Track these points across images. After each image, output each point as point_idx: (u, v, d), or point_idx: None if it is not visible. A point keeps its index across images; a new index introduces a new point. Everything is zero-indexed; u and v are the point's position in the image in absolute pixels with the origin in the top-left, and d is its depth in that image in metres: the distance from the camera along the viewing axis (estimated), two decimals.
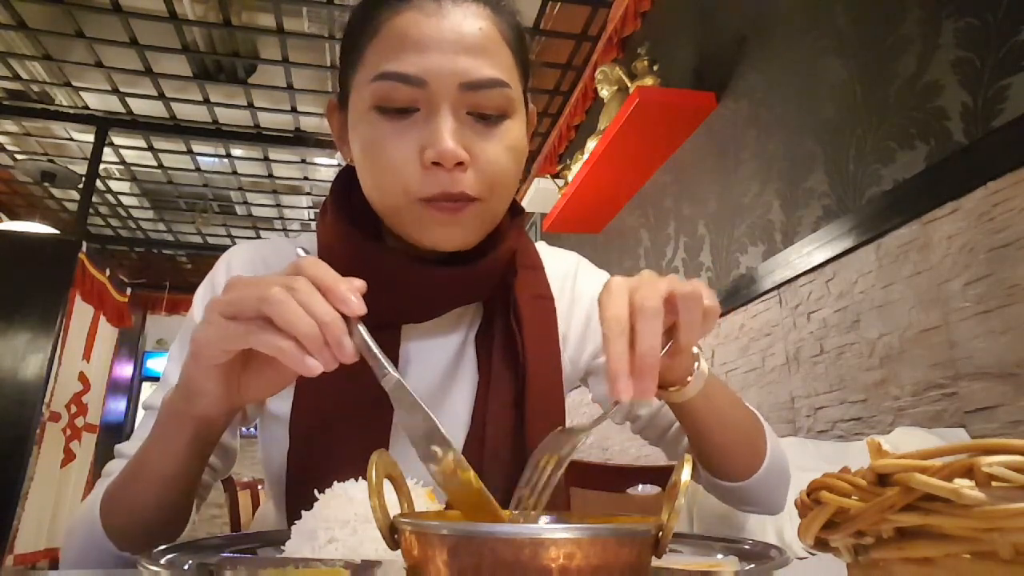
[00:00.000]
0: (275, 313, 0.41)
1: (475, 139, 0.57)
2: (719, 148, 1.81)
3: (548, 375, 0.66)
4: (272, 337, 0.42)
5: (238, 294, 0.44)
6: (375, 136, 0.57)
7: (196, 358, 0.47)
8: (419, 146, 0.56)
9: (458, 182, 0.56)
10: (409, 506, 0.37)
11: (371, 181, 0.60)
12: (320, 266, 0.44)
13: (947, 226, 1.03)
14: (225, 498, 1.33)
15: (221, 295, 0.45)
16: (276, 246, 0.73)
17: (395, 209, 0.59)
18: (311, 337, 0.41)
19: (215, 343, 0.45)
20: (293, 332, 0.41)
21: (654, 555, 0.32)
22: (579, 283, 0.76)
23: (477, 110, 0.57)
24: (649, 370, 0.43)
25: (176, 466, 0.51)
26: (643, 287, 0.46)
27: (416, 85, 0.55)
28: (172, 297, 5.84)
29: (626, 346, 0.43)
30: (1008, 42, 0.96)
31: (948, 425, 1.00)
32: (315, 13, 2.75)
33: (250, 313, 0.43)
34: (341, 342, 0.42)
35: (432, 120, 0.56)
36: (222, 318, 0.44)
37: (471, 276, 0.63)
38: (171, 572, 0.36)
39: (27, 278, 3.46)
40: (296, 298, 0.42)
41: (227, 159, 4.13)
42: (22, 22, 2.82)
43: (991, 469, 0.24)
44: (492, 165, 0.58)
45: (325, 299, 0.42)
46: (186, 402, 0.49)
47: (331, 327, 0.42)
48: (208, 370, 0.46)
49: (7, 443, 3.24)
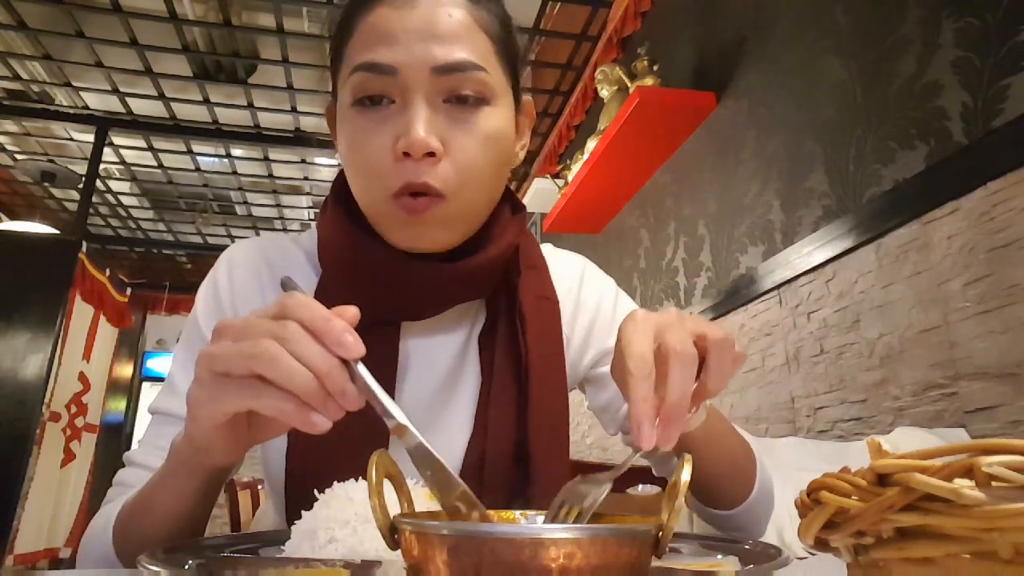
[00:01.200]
0: (269, 372, 0.38)
1: (450, 127, 0.56)
2: (719, 148, 1.81)
3: (552, 376, 0.66)
4: (270, 400, 0.38)
5: (226, 350, 0.39)
6: (354, 131, 0.58)
7: (195, 419, 0.43)
8: (393, 137, 0.56)
9: (423, 173, 0.55)
10: (409, 506, 0.37)
11: (353, 178, 0.61)
12: (309, 306, 0.39)
13: (947, 226, 1.03)
14: (225, 498, 1.33)
15: (210, 345, 0.41)
16: (278, 243, 0.72)
17: (374, 207, 0.59)
18: (312, 393, 0.38)
19: (211, 405, 0.41)
20: (293, 389, 0.38)
21: (654, 555, 0.32)
22: (585, 287, 0.76)
23: (453, 94, 0.57)
24: (677, 419, 0.41)
25: (186, 507, 0.50)
26: (673, 327, 0.43)
27: (388, 74, 0.55)
28: (172, 297, 5.84)
29: (651, 391, 0.41)
30: (1008, 42, 0.96)
31: (948, 425, 1.00)
32: (315, 13, 2.75)
33: (242, 372, 0.39)
34: (344, 391, 0.39)
35: (406, 110, 0.56)
36: (214, 376, 0.40)
37: (466, 272, 0.62)
38: (171, 572, 0.36)
39: (27, 278, 3.47)
40: (289, 349, 0.38)
41: (227, 159, 4.13)
42: (22, 22, 2.82)
43: (991, 469, 0.24)
44: (466, 156, 0.57)
45: (320, 343, 0.38)
46: (195, 456, 0.46)
47: (331, 377, 0.38)
48: (211, 431, 0.43)
49: (7, 443, 3.24)
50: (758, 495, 0.65)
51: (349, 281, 0.63)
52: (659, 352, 0.42)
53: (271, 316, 0.40)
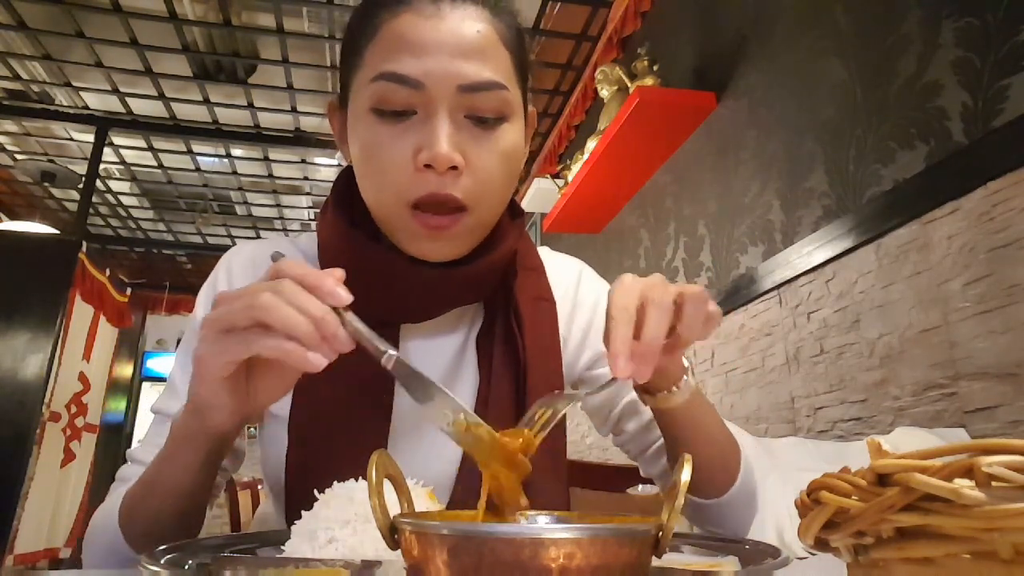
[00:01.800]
0: (270, 318, 0.43)
1: (471, 143, 0.57)
2: (719, 148, 1.81)
3: (548, 376, 0.67)
4: (273, 340, 0.43)
5: (229, 307, 0.44)
6: (372, 138, 0.58)
7: (201, 376, 0.47)
8: (414, 148, 0.56)
9: (448, 185, 0.56)
10: (409, 506, 0.37)
11: (367, 183, 0.61)
12: (300, 265, 0.45)
13: (947, 226, 1.03)
14: (225, 498, 1.33)
15: (212, 311, 0.46)
16: (276, 246, 0.73)
17: (388, 214, 0.60)
18: (309, 334, 0.43)
19: (217, 356, 0.45)
20: (291, 332, 0.43)
21: (654, 555, 0.32)
22: (581, 289, 0.77)
23: (474, 113, 0.57)
24: (651, 355, 0.46)
25: (191, 480, 0.52)
26: (656, 286, 0.49)
27: (413, 87, 0.55)
28: (172, 297, 5.84)
29: (630, 332, 0.46)
30: (1008, 42, 0.96)
31: (948, 425, 1.00)
32: (315, 13, 2.75)
33: (245, 322, 0.44)
34: (336, 333, 0.44)
35: (429, 123, 0.56)
36: (219, 333, 0.45)
37: (469, 277, 0.64)
38: (171, 572, 0.36)
39: (27, 278, 3.47)
40: (286, 300, 0.43)
41: (227, 159, 4.13)
42: (22, 22, 2.82)
43: (991, 469, 0.24)
44: (485, 172, 0.58)
45: (312, 296, 0.44)
46: (198, 420, 0.49)
47: (325, 321, 0.43)
48: (215, 385, 0.47)
49: (7, 443, 3.24)
50: (738, 491, 0.65)
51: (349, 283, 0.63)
52: (640, 306, 0.48)
53: (268, 279, 0.45)
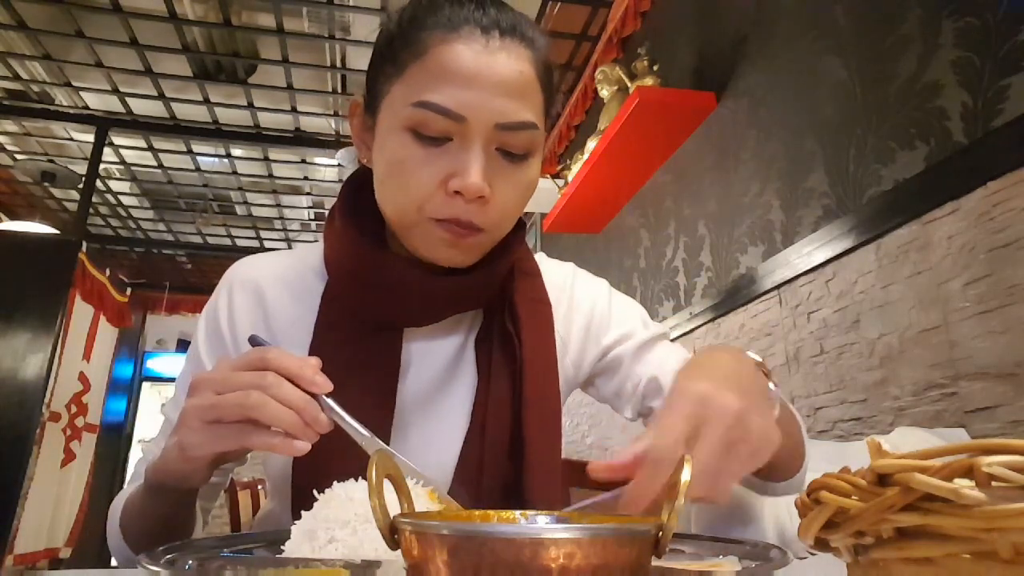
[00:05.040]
0: (261, 415, 0.48)
1: (498, 176, 0.60)
2: (719, 148, 1.81)
3: (545, 375, 0.68)
4: (263, 437, 0.48)
5: (214, 401, 0.49)
6: (404, 157, 0.59)
7: (188, 460, 0.52)
8: (446, 174, 0.58)
9: (471, 213, 0.59)
10: (409, 506, 0.37)
11: (388, 195, 0.63)
12: (282, 357, 0.49)
13: (947, 226, 1.03)
14: (225, 498, 1.33)
15: (195, 398, 0.50)
16: (278, 262, 0.75)
17: (406, 224, 0.62)
18: (294, 425, 0.48)
19: (206, 447, 0.50)
20: (280, 427, 0.48)
21: (654, 555, 0.32)
22: (576, 290, 0.79)
23: (505, 147, 0.60)
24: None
25: (171, 510, 0.59)
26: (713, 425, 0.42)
27: (455, 120, 0.57)
28: (172, 297, 5.83)
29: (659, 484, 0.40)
30: (1008, 42, 0.96)
31: (948, 425, 1.00)
32: (315, 13, 2.74)
33: (234, 418, 0.48)
34: (317, 419, 0.49)
35: (464, 153, 0.58)
36: (204, 424, 0.49)
37: (472, 285, 0.66)
38: (171, 572, 0.36)
39: (27, 278, 3.46)
40: (271, 394, 0.48)
41: (227, 159, 4.12)
42: (22, 22, 2.82)
43: (991, 469, 0.24)
44: (508, 203, 0.62)
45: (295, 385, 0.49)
46: (174, 480, 0.55)
47: (307, 411, 0.48)
48: (199, 464, 0.52)
49: (7, 443, 3.24)
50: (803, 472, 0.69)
51: (356, 290, 0.66)
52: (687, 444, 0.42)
53: (249, 366, 0.50)
